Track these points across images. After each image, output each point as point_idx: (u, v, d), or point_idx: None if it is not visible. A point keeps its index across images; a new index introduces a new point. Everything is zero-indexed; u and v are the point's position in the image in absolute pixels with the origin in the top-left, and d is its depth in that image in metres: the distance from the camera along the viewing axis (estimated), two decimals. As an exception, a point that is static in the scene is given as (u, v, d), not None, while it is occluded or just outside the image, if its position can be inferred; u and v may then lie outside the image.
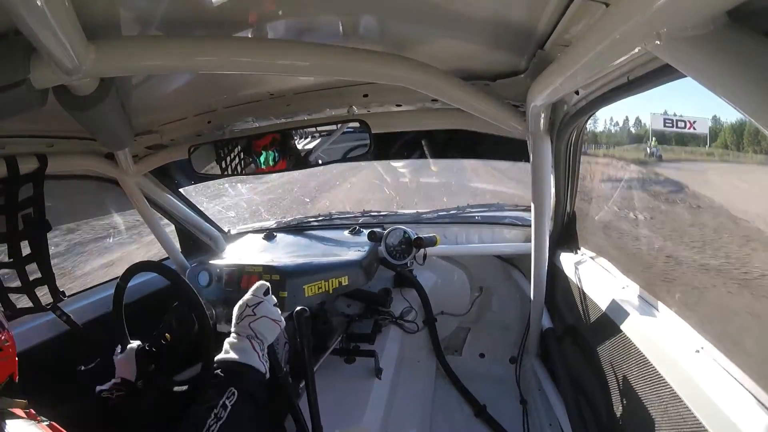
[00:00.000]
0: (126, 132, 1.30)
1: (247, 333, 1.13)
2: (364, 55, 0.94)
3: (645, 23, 0.54)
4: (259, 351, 1.13)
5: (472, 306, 2.47)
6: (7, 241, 1.36)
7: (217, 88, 1.33)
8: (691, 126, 5.70)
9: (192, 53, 0.84)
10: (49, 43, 0.65)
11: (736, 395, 0.81)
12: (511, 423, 2.09)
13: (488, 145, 2.01)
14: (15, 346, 0.87)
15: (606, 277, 1.49)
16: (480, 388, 2.26)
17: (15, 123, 1.22)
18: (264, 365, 1.13)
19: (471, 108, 1.14)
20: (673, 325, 1.08)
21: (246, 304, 1.17)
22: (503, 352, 2.44)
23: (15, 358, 0.86)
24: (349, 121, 1.47)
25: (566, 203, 1.70)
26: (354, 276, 1.98)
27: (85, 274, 5.46)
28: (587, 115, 1.20)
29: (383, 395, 1.81)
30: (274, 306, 1.22)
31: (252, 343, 1.12)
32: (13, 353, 0.86)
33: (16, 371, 0.87)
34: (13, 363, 0.86)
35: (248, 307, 1.17)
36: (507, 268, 2.41)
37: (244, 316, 1.16)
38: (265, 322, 1.16)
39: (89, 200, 1.98)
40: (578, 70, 0.77)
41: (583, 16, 0.74)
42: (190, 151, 1.61)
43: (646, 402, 1.07)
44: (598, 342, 1.39)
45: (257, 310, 1.16)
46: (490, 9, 0.82)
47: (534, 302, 1.83)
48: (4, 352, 0.83)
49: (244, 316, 1.16)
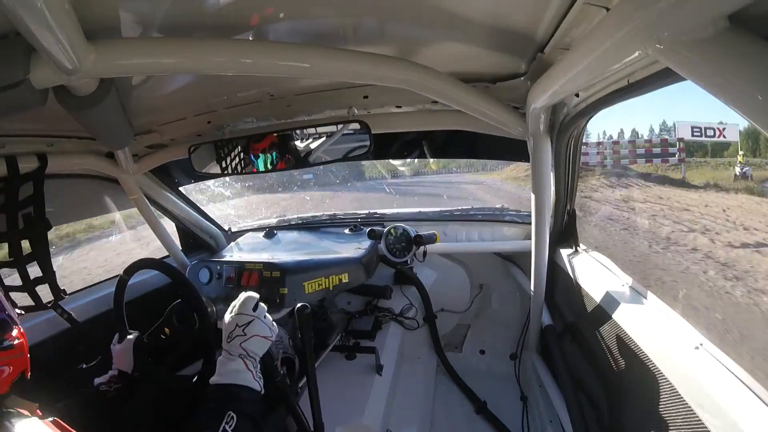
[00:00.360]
0: (126, 131, 1.30)
1: (239, 353, 1.12)
2: (365, 57, 0.94)
3: (645, 27, 0.54)
4: (252, 369, 1.12)
5: (472, 303, 2.49)
6: (7, 240, 1.37)
7: (217, 89, 1.33)
8: (721, 134, 5.44)
9: (192, 54, 0.84)
10: (49, 43, 0.65)
11: (735, 391, 0.82)
12: (511, 420, 2.10)
13: (487, 145, 2.01)
14: (27, 343, 0.87)
15: (605, 274, 1.49)
16: (480, 384, 2.28)
17: (15, 123, 1.22)
18: (259, 382, 1.13)
19: (471, 110, 1.14)
20: (673, 322, 1.09)
21: (236, 324, 1.15)
22: (503, 348, 2.45)
23: (27, 354, 0.87)
24: (349, 122, 1.47)
25: (566, 202, 1.70)
26: (354, 273, 1.98)
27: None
28: (587, 116, 1.20)
29: (384, 392, 1.82)
30: (265, 318, 1.20)
31: (245, 363, 1.11)
32: (25, 350, 0.86)
33: (28, 368, 0.87)
34: (26, 360, 0.86)
35: (238, 327, 1.14)
36: (507, 265, 2.42)
37: (234, 336, 1.14)
38: (256, 341, 1.14)
39: (89, 199, 1.98)
40: (578, 74, 0.77)
41: (583, 20, 0.74)
42: (190, 150, 1.61)
43: (646, 398, 1.08)
44: (598, 339, 1.40)
45: (248, 330, 1.14)
46: (490, 12, 0.82)
47: (534, 299, 1.84)
48: (17, 348, 0.84)
49: (235, 336, 1.13)
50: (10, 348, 0.82)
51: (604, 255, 1.63)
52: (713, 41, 0.48)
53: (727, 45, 0.47)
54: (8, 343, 0.82)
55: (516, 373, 2.30)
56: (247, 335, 1.13)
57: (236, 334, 1.13)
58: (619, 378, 1.28)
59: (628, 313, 1.21)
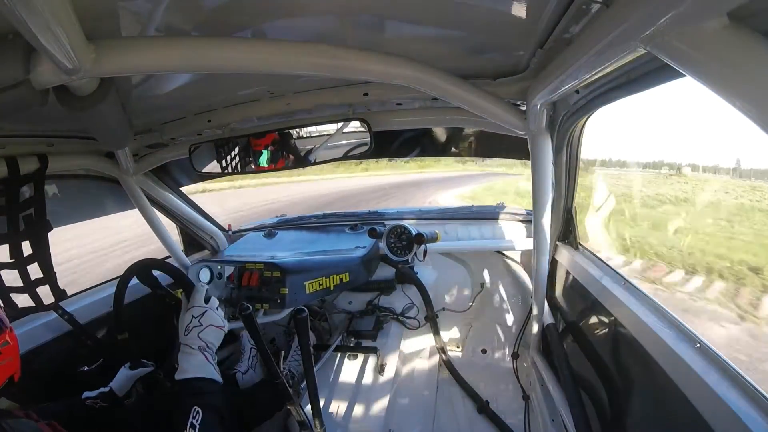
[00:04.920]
0: (126, 131, 1.30)
1: (198, 344, 1.18)
2: (365, 54, 0.94)
3: (645, 23, 0.54)
4: (211, 361, 1.19)
5: (473, 302, 2.48)
6: (8, 242, 1.37)
7: (216, 88, 1.33)
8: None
9: (191, 53, 0.84)
10: (49, 43, 0.64)
11: (735, 389, 0.82)
12: (513, 418, 2.10)
13: (488, 142, 2.00)
14: (17, 347, 0.87)
15: (606, 272, 1.49)
16: (482, 383, 2.28)
17: (15, 123, 1.22)
18: (218, 374, 1.20)
19: (471, 106, 1.14)
20: (674, 320, 1.08)
21: (191, 315, 1.22)
22: (505, 347, 2.45)
23: (17, 358, 0.86)
24: (350, 120, 1.47)
25: (567, 199, 1.70)
26: (355, 273, 1.98)
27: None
28: (588, 113, 1.20)
29: (385, 392, 1.82)
30: (218, 309, 1.29)
31: (205, 355, 1.18)
32: (15, 354, 0.86)
33: (18, 371, 0.87)
34: (14, 364, 0.86)
35: (194, 318, 1.22)
36: (508, 263, 2.42)
37: (191, 327, 1.20)
38: (212, 330, 1.21)
39: (90, 200, 1.98)
40: (578, 69, 0.77)
41: (583, 16, 0.74)
42: (190, 150, 1.61)
43: (648, 395, 1.08)
44: (600, 337, 1.40)
45: (203, 319, 1.21)
46: (490, 8, 0.82)
47: (535, 297, 1.84)
48: (5, 354, 0.83)
49: (192, 327, 1.20)
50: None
51: (605, 252, 1.62)
52: (713, 37, 0.48)
53: (727, 41, 0.47)
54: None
55: (517, 372, 2.30)
56: (203, 325, 1.21)
57: (193, 326, 1.20)
58: (620, 376, 1.27)
59: (629, 311, 1.21)
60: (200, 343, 1.19)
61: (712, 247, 6.24)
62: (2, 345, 0.83)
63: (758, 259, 5.59)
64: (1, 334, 0.84)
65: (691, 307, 4.38)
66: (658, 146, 32.78)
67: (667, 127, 37.58)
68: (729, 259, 5.67)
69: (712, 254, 5.94)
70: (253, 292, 1.78)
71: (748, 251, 5.89)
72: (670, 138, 33.35)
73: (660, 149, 33.73)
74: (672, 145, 30.70)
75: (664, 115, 43.64)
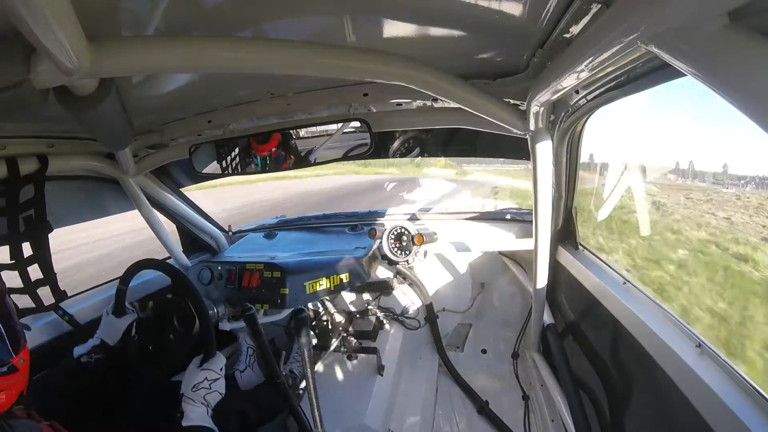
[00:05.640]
0: (126, 132, 1.30)
1: (202, 401, 1.28)
2: (365, 54, 0.94)
3: (645, 23, 0.54)
4: (209, 417, 1.29)
5: (473, 302, 2.48)
6: (8, 243, 1.36)
7: (217, 88, 1.33)
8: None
9: (192, 53, 0.84)
10: (49, 43, 0.64)
11: (735, 390, 0.82)
12: (513, 419, 2.10)
13: (488, 142, 2.01)
14: (28, 363, 0.87)
15: (607, 272, 1.49)
16: (482, 383, 2.28)
17: (15, 124, 1.22)
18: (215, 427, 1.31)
19: (471, 106, 1.14)
20: (674, 321, 1.08)
21: (205, 377, 1.32)
22: (505, 347, 2.45)
23: (27, 374, 0.87)
24: (350, 120, 1.47)
25: (567, 200, 1.70)
26: (355, 273, 1.98)
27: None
28: (588, 113, 1.20)
29: (385, 392, 1.82)
30: (225, 378, 1.38)
31: (207, 411, 1.28)
32: (26, 371, 0.86)
33: (25, 387, 0.87)
34: (26, 381, 0.86)
35: (207, 380, 1.31)
36: (508, 263, 2.42)
37: (200, 387, 1.30)
38: (217, 396, 1.32)
39: (90, 201, 1.98)
40: (578, 69, 0.77)
41: (583, 16, 0.74)
42: (190, 150, 1.61)
43: (648, 396, 1.08)
44: (600, 337, 1.40)
45: (215, 385, 1.32)
46: (490, 8, 0.82)
47: (535, 298, 1.84)
48: (21, 371, 0.84)
49: (201, 387, 1.30)
50: (14, 371, 0.82)
51: (605, 253, 1.62)
52: (713, 37, 0.48)
53: (727, 41, 0.47)
54: (11, 366, 0.81)
55: (517, 373, 2.30)
56: (212, 390, 1.31)
57: (203, 386, 1.31)
58: (620, 376, 1.27)
59: (629, 312, 1.21)
60: (204, 401, 1.28)
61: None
62: (19, 363, 0.83)
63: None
64: (21, 351, 0.84)
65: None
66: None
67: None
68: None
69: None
70: (253, 293, 1.78)
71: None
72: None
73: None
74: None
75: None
